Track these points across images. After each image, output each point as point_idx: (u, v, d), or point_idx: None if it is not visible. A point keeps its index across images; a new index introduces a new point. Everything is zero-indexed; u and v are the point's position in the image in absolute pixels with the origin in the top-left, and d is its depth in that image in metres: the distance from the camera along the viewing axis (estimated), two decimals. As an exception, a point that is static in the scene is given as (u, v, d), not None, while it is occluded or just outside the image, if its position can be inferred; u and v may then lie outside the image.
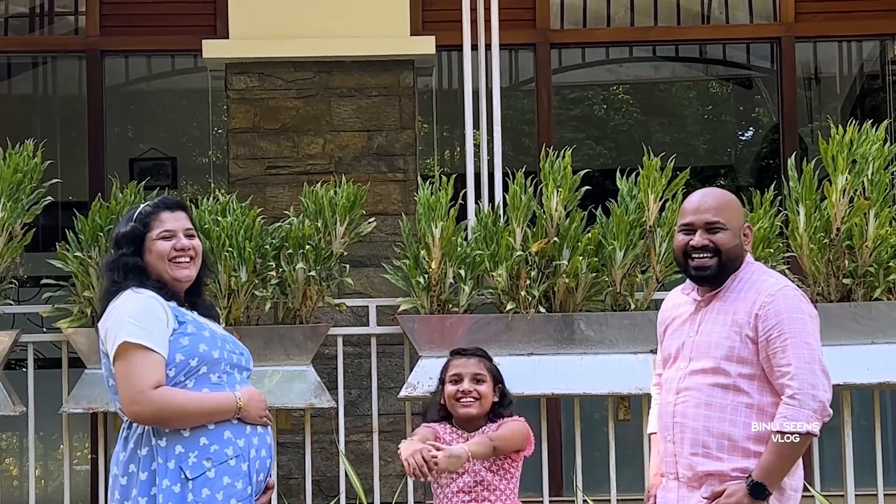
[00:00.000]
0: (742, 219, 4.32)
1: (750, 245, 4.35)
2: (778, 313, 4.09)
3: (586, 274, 6.48)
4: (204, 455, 4.03)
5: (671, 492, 4.25)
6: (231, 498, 4.04)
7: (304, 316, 6.53)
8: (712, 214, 4.26)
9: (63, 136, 9.74)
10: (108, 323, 4.11)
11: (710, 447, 4.12)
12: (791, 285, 4.21)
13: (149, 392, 3.98)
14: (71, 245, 6.47)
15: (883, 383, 6.40)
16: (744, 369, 4.11)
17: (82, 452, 9.76)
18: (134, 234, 4.22)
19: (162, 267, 4.20)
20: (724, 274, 4.24)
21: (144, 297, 4.10)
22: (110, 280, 4.20)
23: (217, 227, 6.38)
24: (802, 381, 4.01)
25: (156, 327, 4.06)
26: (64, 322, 6.45)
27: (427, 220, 6.44)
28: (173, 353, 4.07)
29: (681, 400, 4.22)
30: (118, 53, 9.15)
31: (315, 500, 6.75)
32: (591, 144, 10.51)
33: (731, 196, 4.40)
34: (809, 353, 4.05)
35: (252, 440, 4.13)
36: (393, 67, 8.13)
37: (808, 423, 4.00)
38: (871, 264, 6.46)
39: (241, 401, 4.11)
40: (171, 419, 4.02)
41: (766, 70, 9.86)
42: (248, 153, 8.09)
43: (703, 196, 4.35)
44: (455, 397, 4.83)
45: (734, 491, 4.04)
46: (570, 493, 7.23)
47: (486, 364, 4.92)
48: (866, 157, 6.41)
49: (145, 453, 4.04)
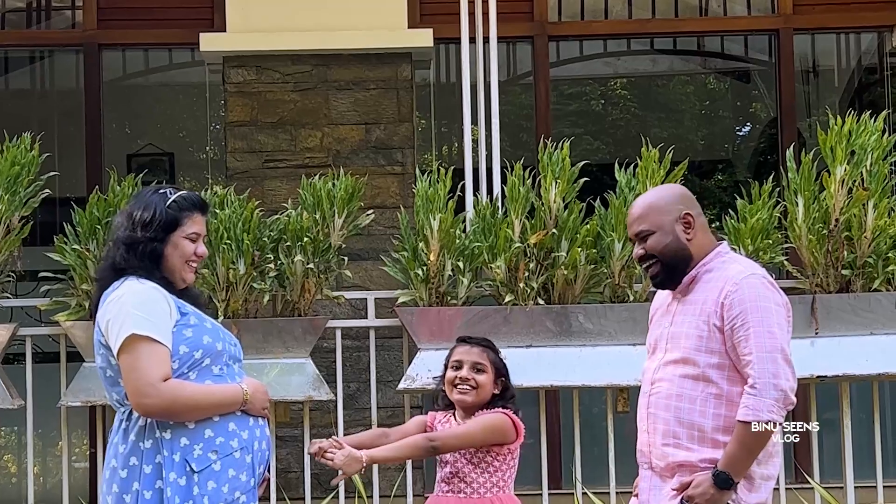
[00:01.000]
0: (674, 211, 4.22)
1: (696, 230, 4.21)
2: (742, 301, 4.05)
3: (585, 266, 6.47)
4: (209, 447, 4.00)
5: (645, 481, 4.29)
6: (236, 490, 4.02)
7: (303, 309, 6.53)
8: (636, 225, 4.26)
9: (60, 131, 9.71)
10: (109, 314, 4.03)
11: (680, 437, 4.12)
12: (759, 273, 4.16)
13: (158, 385, 3.93)
14: (69, 238, 6.47)
15: (882, 374, 6.39)
16: (712, 359, 4.10)
17: (81, 449, 9.75)
18: (167, 223, 4.11)
19: (179, 265, 4.14)
20: (676, 273, 4.22)
21: (147, 287, 4.04)
22: (122, 258, 4.08)
23: (215, 220, 6.37)
24: (762, 370, 3.98)
25: (161, 319, 4.00)
26: (62, 315, 6.45)
27: (425, 212, 6.44)
28: (177, 344, 4.01)
29: (654, 391, 4.23)
30: (115, 47, 9.14)
31: (314, 494, 6.74)
32: (589, 139, 10.49)
33: (659, 193, 4.35)
34: (771, 342, 4.01)
35: (255, 432, 4.11)
36: (390, 60, 8.12)
37: (768, 412, 3.97)
38: (870, 255, 6.46)
39: (248, 393, 4.09)
40: (181, 412, 3.97)
41: (764, 63, 9.85)
42: (245, 146, 8.08)
43: (631, 207, 4.36)
44: (452, 383, 4.81)
45: (700, 482, 4.04)
46: (570, 487, 7.22)
47: (489, 355, 4.87)
48: (865, 148, 6.41)
49: (149, 446, 3.98)
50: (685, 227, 4.23)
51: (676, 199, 4.29)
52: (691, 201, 4.31)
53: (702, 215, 4.29)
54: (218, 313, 6.35)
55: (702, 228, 4.27)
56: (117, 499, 4.01)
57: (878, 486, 6.64)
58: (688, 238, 4.22)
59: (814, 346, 6.33)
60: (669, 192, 4.36)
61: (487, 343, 4.96)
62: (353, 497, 6.49)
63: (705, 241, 4.27)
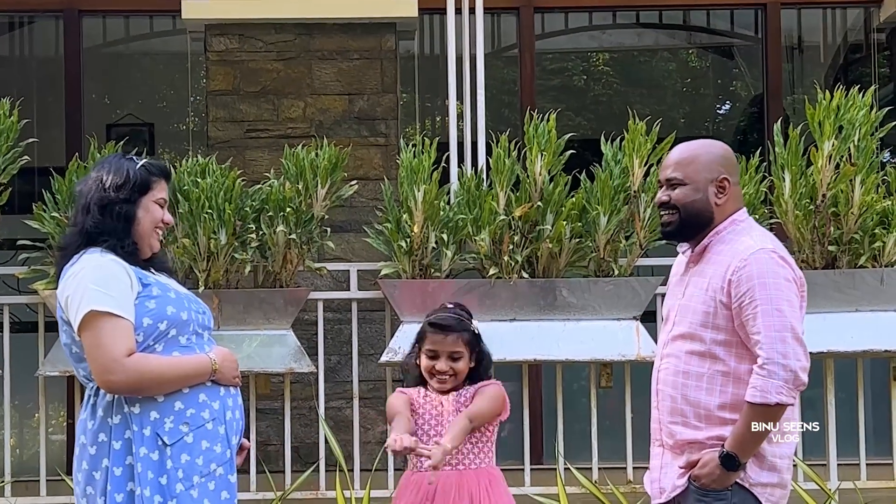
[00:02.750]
0: (713, 172, 4.08)
1: (728, 197, 4.09)
2: (750, 278, 3.94)
3: (570, 239, 6.43)
4: (180, 420, 3.92)
5: (656, 458, 4.21)
6: (211, 462, 3.95)
7: (285, 280, 6.47)
8: (671, 170, 4.13)
9: (40, 100, 9.61)
10: (68, 290, 3.94)
11: (687, 416, 4.05)
12: (768, 247, 4.01)
13: (122, 360, 3.84)
14: (47, 206, 6.39)
15: (867, 351, 6.38)
16: (718, 335, 4.01)
17: (58, 420, 9.67)
18: (141, 185, 4.04)
19: (149, 230, 4.06)
20: (689, 230, 4.12)
21: (106, 260, 3.94)
22: (95, 222, 3.98)
23: (196, 189, 6.30)
24: (771, 351, 3.88)
25: (121, 292, 3.90)
26: (40, 284, 6.38)
27: (409, 184, 6.38)
28: (140, 317, 3.92)
29: (663, 366, 4.16)
30: (96, 14, 9.05)
31: (294, 467, 6.69)
32: (571, 115, 10.44)
33: (705, 148, 4.18)
34: (780, 321, 3.89)
35: (227, 402, 4.03)
36: (375, 30, 8.05)
37: (777, 394, 3.88)
38: (857, 231, 6.43)
39: (216, 363, 4.01)
40: (149, 387, 3.89)
41: (750, 38, 9.81)
42: (227, 116, 8.00)
43: (672, 151, 4.23)
44: (429, 371, 4.76)
45: (707, 461, 3.98)
46: (552, 462, 7.19)
47: (463, 338, 4.77)
48: (853, 123, 6.36)
49: (118, 421, 3.91)
50: (718, 191, 4.10)
51: (720, 160, 4.14)
52: (733, 167, 4.17)
53: (738, 184, 4.16)
54: (199, 283, 6.29)
55: (733, 196, 4.14)
56: (87, 476, 3.95)
57: (861, 463, 6.62)
58: (717, 203, 4.10)
59: (799, 323, 6.30)
60: (715, 150, 4.18)
61: (460, 323, 4.81)
62: (333, 471, 6.44)
63: (731, 208, 4.13)
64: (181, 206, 6.29)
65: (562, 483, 6.36)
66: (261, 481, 6.56)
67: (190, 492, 3.90)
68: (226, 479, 4.00)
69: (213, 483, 3.96)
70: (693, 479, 4.01)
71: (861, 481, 6.55)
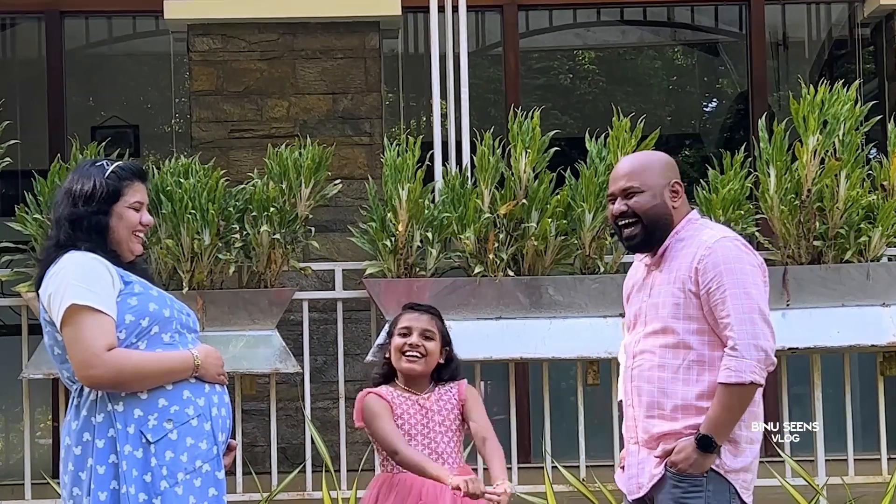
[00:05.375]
0: (666, 177, 4.20)
1: (682, 202, 4.22)
2: (716, 265, 4.03)
3: (555, 236, 6.41)
4: (164, 417, 3.89)
5: (633, 456, 4.24)
6: (196, 459, 3.92)
7: (269, 280, 6.44)
8: (625, 181, 4.21)
9: (22, 102, 9.55)
10: (50, 288, 3.92)
11: (664, 408, 4.10)
12: (731, 235, 4.14)
13: (103, 355, 3.81)
14: (30, 208, 6.36)
15: (854, 346, 6.38)
16: (691, 325, 4.07)
17: (45, 425, 9.63)
18: (110, 194, 4.01)
19: (126, 236, 4.04)
20: (654, 237, 4.19)
21: (87, 258, 3.91)
22: (67, 235, 3.97)
23: (179, 190, 6.27)
24: (742, 332, 3.97)
25: (102, 288, 3.88)
26: (23, 286, 6.34)
27: (394, 182, 6.36)
28: (122, 314, 3.89)
29: (637, 364, 4.20)
30: (78, 14, 9.01)
31: (280, 468, 6.67)
32: (557, 114, 10.44)
33: (653, 157, 4.34)
34: (749, 303, 3.99)
35: (212, 398, 4.01)
36: (358, 29, 8.04)
37: (751, 373, 3.96)
38: (842, 226, 6.42)
39: (199, 358, 3.99)
40: (129, 381, 3.86)
41: (734, 35, 9.80)
42: (211, 116, 7.97)
43: (620, 163, 4.33)
44: (401, 349, 4.76)
45: (683, 447, 4.02)
46: (539, 460, 7.18)
47: (436, 323, 4.85)
48: (838, 118, 6.36)
49: (101, 420, 3.88)
50: (672, 195, 4.21)
51: (669, 167, 4.27)
52: (678, 172, 4.29)
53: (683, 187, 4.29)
54: (183, 284, 6.26)
55: (684, 200, 4.25)
56: (73, 477, 3.92)
57: (849, 459, 6.62)
58: (674, 206, 4.20)
59: (785, 318, 6.30)
60: (662, 158, 4.32)
61: (434, 311, 4.93)
62: (319, 471, 6.41)
63: (684, 210, 4.25)
64: (164, 207, 6.27)
65: (549, 481, 6.35)
66: (247, 482, 6.53)
67: (175, 489, 3.87)
68: (213, 475, 3.97)
69: (199, 480, 3.93)
70: (669, 466, 4.05)
71: (849, 476, 6.55)
